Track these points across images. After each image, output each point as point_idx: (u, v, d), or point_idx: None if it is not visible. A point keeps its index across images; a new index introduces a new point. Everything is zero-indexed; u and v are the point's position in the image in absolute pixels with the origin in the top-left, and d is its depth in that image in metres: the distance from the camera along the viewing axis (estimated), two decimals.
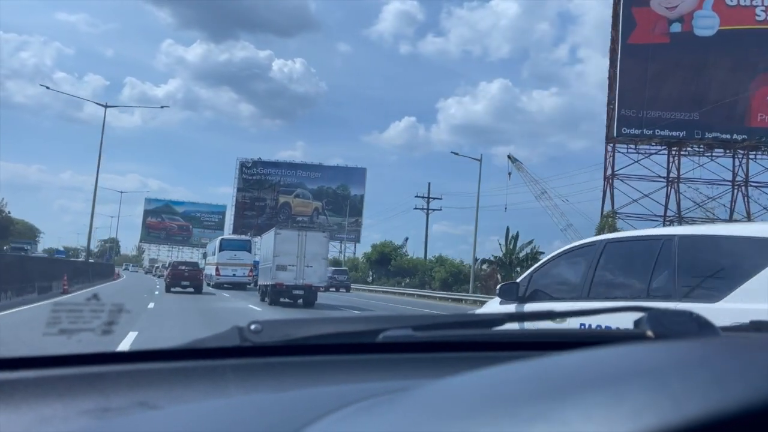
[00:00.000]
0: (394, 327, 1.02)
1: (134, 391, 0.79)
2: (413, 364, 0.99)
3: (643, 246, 3.90)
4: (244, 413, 0.72)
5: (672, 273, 3.45)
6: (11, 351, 0.83)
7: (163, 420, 0.72)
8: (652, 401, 0.41)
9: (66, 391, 0.78)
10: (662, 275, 3.52)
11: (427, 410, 0.52)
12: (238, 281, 30.96)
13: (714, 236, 3.52)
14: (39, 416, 0.72)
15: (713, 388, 0.42)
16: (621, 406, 0.42)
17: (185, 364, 0.91)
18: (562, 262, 4.52)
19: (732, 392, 0.41)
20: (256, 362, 0.95)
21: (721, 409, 0.40)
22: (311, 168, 70.50)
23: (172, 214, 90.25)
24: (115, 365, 0.88)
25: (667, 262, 3.48)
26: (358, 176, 69.77)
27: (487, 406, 0.49)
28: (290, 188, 69.73)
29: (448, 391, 0.57)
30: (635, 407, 0.41)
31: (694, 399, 0.41)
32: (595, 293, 3.86)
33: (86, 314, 1.11)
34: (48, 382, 0.80)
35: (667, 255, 3.49)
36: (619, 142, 35.26)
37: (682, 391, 0.42)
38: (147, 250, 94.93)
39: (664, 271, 3.51)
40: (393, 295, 39.01)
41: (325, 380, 0.89)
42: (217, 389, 0.84)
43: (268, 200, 69.47)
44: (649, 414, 0.40)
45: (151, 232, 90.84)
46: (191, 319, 13.41)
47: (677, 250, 3.46)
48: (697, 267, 3.44)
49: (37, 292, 16.07)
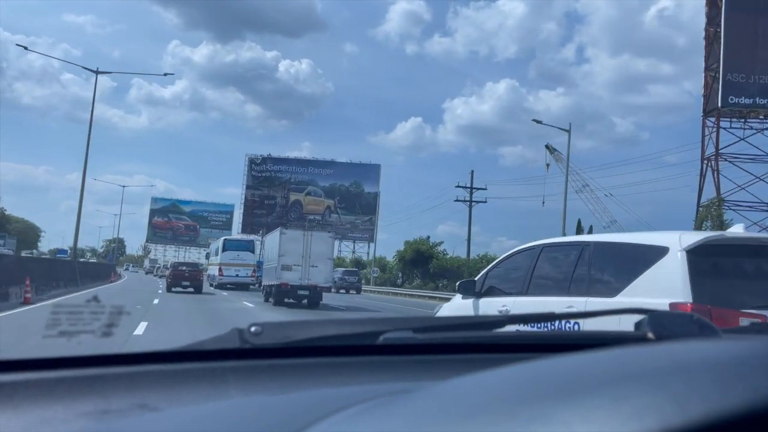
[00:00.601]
0: (395, 329, 1.02)
1: (134, 394, 0.79)
2: (414, 366, 0.99)
3: (567, 250, 4.70)
4: (244, 415, 0.72)
5: (587, 273, 4.26)
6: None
7: (162, 422, 0.72)
8: (653, 403, 0.41)
9: (66, 393, 0.78)
10: (580, 275, 4.31)
11: (428, 412, 0.52)
12: (241, 281, 30.98)
13: (616, 243, 4.36)
14: (39, 418, 0.72)
15: (714, 390, 0.42)
16: (622, 407, 0.42)
17: (185, 366, 0.91)
18: (510, 263, 5.25)
19: (733, 394, 0.41)
20: (257, 364, 0.95)
21: (722, 410, 0.40)
22: (323, 164, 67.49)
23: (178, 214, 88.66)
24: (115, 367, 0.88)
25: (583, 265, 4.30)
26: (372, 173, 66.69)
27: (488, 407, 0.49)
28: (301, 186, 66.88)
29: (449, 393, 0.56)
30: (636, 409, 0.41)
31: (696, 401, 0.41)
32: (533, 290, 4.69)
33: (86, 316, 1.10)
34: (48, 384, 0.80)
35: (585, 259, 4.31)
36: (722, 115, 29.02)
37: (683, 392, 0.42)
38: (153, 250, 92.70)
39: (581, 271, 4.31)
40: (420, 298, 35.23)
41: (325, 382, 0.89)
42: (217, 391, 0.84)
43: (278, 198, 66.74)
44: (650, 416, 0.40)
45: (158, 232, 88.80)
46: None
47: (591, 254, 4.28)
48: (604, 268, 4.25)
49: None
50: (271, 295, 20.00)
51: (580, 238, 5.29)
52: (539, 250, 4.77)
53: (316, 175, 67.14)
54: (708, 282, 3.48)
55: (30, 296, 14.36)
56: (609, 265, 4.17)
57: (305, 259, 19.09)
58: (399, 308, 23.74)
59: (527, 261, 4.83)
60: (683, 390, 0.42)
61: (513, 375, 0.57)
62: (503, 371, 0.58)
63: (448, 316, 1.43)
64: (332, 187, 66.61)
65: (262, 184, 66.77)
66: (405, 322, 1.09)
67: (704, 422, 0.39)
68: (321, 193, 66.81)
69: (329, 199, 66.56)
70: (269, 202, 66.61)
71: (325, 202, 66.55)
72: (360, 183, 66.34)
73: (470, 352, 1.04)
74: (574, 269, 4.31)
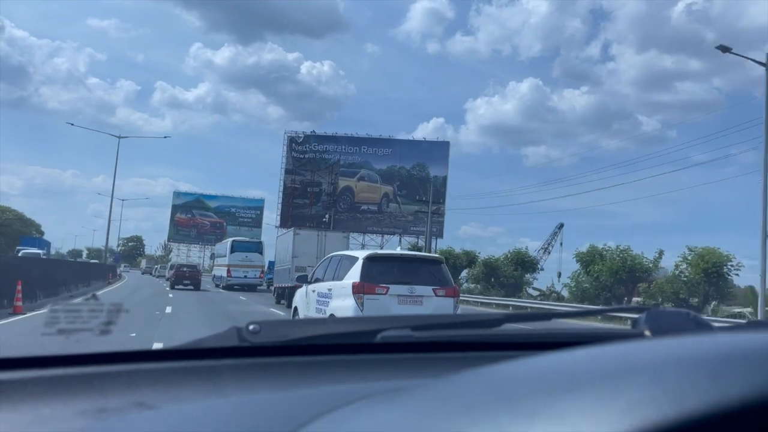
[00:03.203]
0: (393, 327, 1.03)
1: (132, 391, 0.80)
2: (411, 364, 1.01)
3: (338, 257, 9.50)
4: (241, 413, 0.73)
5: (337, 268, 9.01)
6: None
7: (160, 420, 0.73)
8: (648, 397, 0.42)
9: (65, 391, 0.79)
10: (337, 269, 8.95)
11: (426, 409, 0.52)
12: (249, 283, 31.71)
13: (346, 255, 9.27)
14: (38, 416, 0.73)
15: (710, 384, 0.42)
16: (617, 401, 0.42)
17: (183, 364, 0.92)
18: (324, 263, 10.05)
19: (728, 388, 0.41)
20: (255, 362, 0.96)
21: (717, 404, 0.40)
22: (379, 143, 55.29)
23: (203, 210, 79.37)
24: (113, 365, 0.88)
25: (336, 264, 9.15)
26: (440, 152, 54.47)
27: (485, 403, 0.49)
28: (353, 169, 55.01)
29: (446, 390, 0.57)
30: (632, 403, 0.41)
31: (691, 395, 0.41)
32: (326, 278, 9.28)
33: (84, 315, 1.10)
34: (47, 382, 0.81)
35: (337, 262, 9.24)
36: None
37: (679, 386, 0.42)
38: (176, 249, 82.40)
39: (337, 267, 9.02)
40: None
41: (323, 380, 0.90)
42: (215, 389, 0.85)
43: (324, 185, 55.19)
44: (645, 409, 0.40)
45: (181, 230, 79.02)
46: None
47: (340, 260, 9.18)
48: (342, 266, 8.87)
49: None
50: (284, 297, 20.30)
51: (345, 252, 9.87)
52: (331, 257, 9.84)
53: (370, 156, 55.16)
54: (369, 272, 8.16)
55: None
56: (343, 265, 8.83)
57: (319, 260, 20.76)
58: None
59: (326, 263, 9.84)
60: (678, 384, 0.43)
61: (510, 371, 0.57)
62: (501, 368, 0.58)
63: (446, 315, 1.66)
64: (390, 170, 54.57)
65: (304, 167, 55.25)
66: (402, 320, 1.10)
67: (699, 416, 0.39)
68: (377, 178, 54.81)
69: (387, 184, 54.65)
70: (313, 190, 55.15)
71: (381, 189, 54.61)
72: (424, 165, 54.22)
73: (467, 350, 1.06)
74: (336, 266, 9.08)
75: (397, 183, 54.54)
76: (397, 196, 54.42)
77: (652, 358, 0.52)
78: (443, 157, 54.28)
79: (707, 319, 1.03)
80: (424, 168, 54.26)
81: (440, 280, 8.41)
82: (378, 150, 55.05)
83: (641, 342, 0.64)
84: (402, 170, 54.65)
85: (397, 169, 54.62)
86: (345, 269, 8.49)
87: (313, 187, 55.05)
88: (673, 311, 1.05)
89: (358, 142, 55.54)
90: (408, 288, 8.02)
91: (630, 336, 1.00)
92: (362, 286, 7.89)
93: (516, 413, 0.45)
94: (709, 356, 0.48)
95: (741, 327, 1.19)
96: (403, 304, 7.89)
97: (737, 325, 1.24)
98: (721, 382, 0.42)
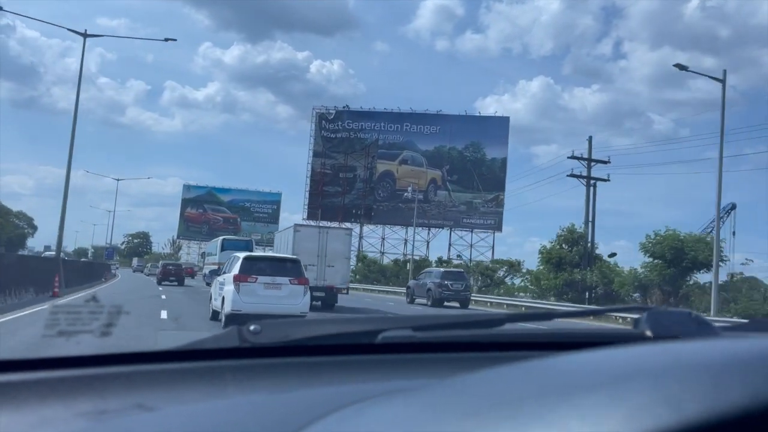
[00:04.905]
0: (394, 327, 1.04)
1: (132, 393, 0.81)
2: (413, 365, 1.02)
3: (231, 258, 13.33)
4: (242, 414, 0.74)
5: (228, 267, 12.98)
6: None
7: (160, 421, 0.74)
8: (650, 403, 0.42)
9: (66, 393, 0.80)
10: (228, 268, 12.82)
11: (427, 410, 0.53)
12: None
13: (234, 255, 13.24)
14: (40, 418, 0.73)
15: (710, 390, 0.42)
16: (619, 407, 0.42)
17: (184, 366, 0.92)
18: (228, 262, 13.54)
19: (729, 394, 0.41)
20: (255, 363, 0.97)
21: (719, 411, 0.40)
22: (425, 119, 47.00)
23: (216, 204, 72.53)
24: (113, 367, 0.89)
25: (228, 264, 13.30)
26: (497, 130, 46.01)
27: (486, 407, 0.50)
28: (394, 150, 46.85)
29: (448, 392, 0.57)
30: (633, 409, 0.41)
31: (693, 401, 0.41)
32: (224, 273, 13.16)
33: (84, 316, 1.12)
34: (49, 384, 0.82)
35: (229, 262, 13.26)
36: None
37: (681, 392, 0.42)
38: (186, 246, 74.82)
39: (228, 267, 13.02)
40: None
41: (324, 381, 0.91)
42: (216, 390, 0.85)
43: (359, 169, 47.04)
44: (646, 416, 0.40)
45: (191, 226, 71.92)
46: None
47: (230, 260, 13.24)
48: (229, 266, 13.00)
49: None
50: None
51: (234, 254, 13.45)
52: (231, 257, 13.16)
53: (414, 135, 46.99)
54: (245, 267, 11.77)
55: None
56: (232, 262, 12.44)
57: (321, 258, 18.82)
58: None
59: (228, 262, 13.25)
60: (679, 390, 0.42)
61: (511, 374, 0.58)
62: (502, 370, 0.59)
63: (446, 315, 1.55)
64: (438, 151, 46.41)
65: (336, 149, 47.17)
66: (403, 320, 1.11)
67: (699, 423, 0.39)
68: (422, 161, 46.65)
69: (434, 169, 46.44)
70: (347, 176, 46.96)
71: (428, 174, 46.47)
72: (479, 145, 46.01)
73: (469, 350, 1.06)
74: (229, 264, 12.78)
75: (447, 167, 46.37)
76: (447, 182, 46.14)
77: (653, 363, 0.52)
78: (502, 135, 45.96)
79: (708, 319, 1.05)
80: (479, 148, 45.94)
81: (295, 273, 12.12)
82: (423, 127, 46.82)
83: (642, 346, 0.64)
84: (452, 151, 46.39)
85: (446, 149, 46.40)
86: (232, 265, 12.21)
87: (347, 172, 47.01)
88: (674, 311, 1.05)
89: (399, 118, 47.23)
90: (271, 279, 11.72)
91: (631, 337, 1.01)
92: (239, 276, 11.54)
93: (515, 419, 0.45)
94: (710, 362, 0.48)
95: (742, 327, 1.18)
96: (267, 289, 11.56)
97: (739, 325, 1.25)
98: (721, 389, 0.42)
